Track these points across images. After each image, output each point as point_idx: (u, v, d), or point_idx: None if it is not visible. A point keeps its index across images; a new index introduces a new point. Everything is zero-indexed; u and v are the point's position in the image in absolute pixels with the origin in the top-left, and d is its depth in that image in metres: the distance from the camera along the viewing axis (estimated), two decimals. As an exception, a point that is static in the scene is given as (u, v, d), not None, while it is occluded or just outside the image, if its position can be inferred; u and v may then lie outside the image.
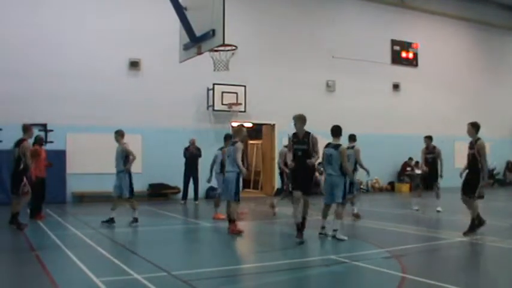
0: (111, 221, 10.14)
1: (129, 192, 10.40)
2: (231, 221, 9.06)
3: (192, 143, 15.92)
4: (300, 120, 8.36)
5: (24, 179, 9.82)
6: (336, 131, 8.76)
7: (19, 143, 10.00)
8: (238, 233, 8.89)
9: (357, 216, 10.96)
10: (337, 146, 8.50)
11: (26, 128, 10.23)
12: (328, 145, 8.67)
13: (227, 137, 11.08)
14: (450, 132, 22.88)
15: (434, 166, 13.12)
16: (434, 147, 13.25)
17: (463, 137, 25.48)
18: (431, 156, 13.16)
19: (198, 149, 15.82)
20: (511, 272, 6.27)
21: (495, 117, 24.31)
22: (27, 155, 9.75)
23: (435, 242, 7.95)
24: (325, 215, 8.69)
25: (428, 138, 13.32)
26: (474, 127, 8.85)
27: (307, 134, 8.24)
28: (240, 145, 9.16)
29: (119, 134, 10.73)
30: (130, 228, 10.09)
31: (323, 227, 8.63)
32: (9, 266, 6.51)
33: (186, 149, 15.72)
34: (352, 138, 11.63)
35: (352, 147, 11.26)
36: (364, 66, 20.66)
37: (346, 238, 8.23)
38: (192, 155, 15.67)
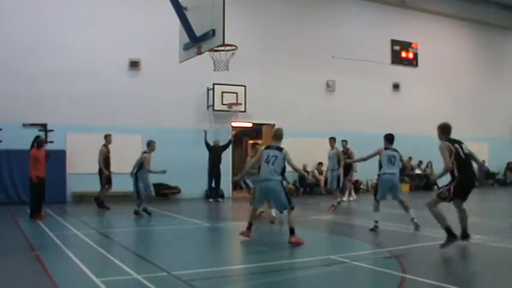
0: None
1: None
2: (292, 230, 7.90)
3: (216, 144, 16.76)
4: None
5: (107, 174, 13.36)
6: (392, 138, 10.00)
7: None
8: (298, 244, 7.74)
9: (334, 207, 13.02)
10: (396, 150, 9.79)
11: (106, 137, 13.67)
12: (388, 148, 9.78)
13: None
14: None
15: None
16: None
17: (463, 136, 25.47)
18: None
19: (221, 147, 16.80)
20: (511, 272, 6.26)
21: (495, 117, 24.33)
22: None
23: (435, 242, 7.93)
24: (377, 209, 9.48)
25: None
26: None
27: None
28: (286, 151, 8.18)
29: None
30: (130, 228, 10.09)
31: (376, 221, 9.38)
32: (9, 266, 6.51)
33: (211, 148, 16.57)
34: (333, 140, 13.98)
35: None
36: (364, 66, 20.66)
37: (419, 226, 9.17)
38: (215, 154, 16.54)
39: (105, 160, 13.47)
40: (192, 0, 9.52)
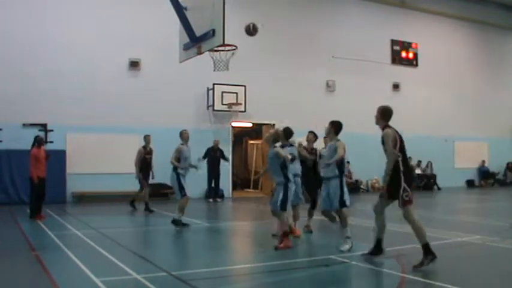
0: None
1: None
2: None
3: (215, 144, 16.68)
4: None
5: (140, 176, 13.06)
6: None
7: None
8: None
9: None
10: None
11: (145, 137, 13.44)
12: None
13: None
14: (450, 132, 22.93)
15: None
16: None
17: (463, 136, 25.46)
18: None
19: (221, 150, 16.74)
20: (511, 272, 6.27)
21: (495, 117, 24.34)
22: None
23: (435, 242, 7.92)
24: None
25: None
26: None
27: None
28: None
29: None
30: (130, 228, 10.09)
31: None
32: (9, 266, 6.51)
33: (210, 150, 16.45)
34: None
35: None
36: (364, 66, 20.66)
37: None
38: (214, 156, 16.47)
39: (142, 161, 13.09)
40: (192, 0, 9.52)
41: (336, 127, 7.87)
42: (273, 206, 7.71)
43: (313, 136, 10.08)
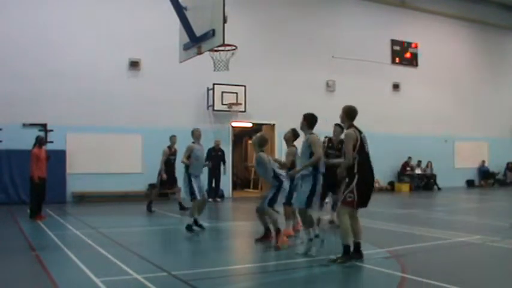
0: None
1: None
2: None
3: (217, 144, 16.59)
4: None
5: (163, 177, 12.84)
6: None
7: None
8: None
9: None
10: None
11: (170, 138, 13.29)
12: None
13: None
14: (450, 132, 22.93)
15: None
16: None
17: (463, 136, 25.41)
18: None
19: (222, 151, 16.61)
20: (511, 272, 6.27)
21: (495, 117, 24.35)
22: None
23: (435, 242, 7.94)
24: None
25: None
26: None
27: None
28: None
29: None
30: (130, 228, 10.09)
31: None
32: (9, 266, 6.51)
33: (212, 150, 16.29)
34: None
35: None
36: (364, 66, 20.67)
37: None
38: (216, 156, 16.27)
39: (166, 162, 12.97)
40: (192, 0, 9.52)
41: (308, 120, 7.24)
42: (260, 204, 7.92)
43: (340, 129, 9.88)
